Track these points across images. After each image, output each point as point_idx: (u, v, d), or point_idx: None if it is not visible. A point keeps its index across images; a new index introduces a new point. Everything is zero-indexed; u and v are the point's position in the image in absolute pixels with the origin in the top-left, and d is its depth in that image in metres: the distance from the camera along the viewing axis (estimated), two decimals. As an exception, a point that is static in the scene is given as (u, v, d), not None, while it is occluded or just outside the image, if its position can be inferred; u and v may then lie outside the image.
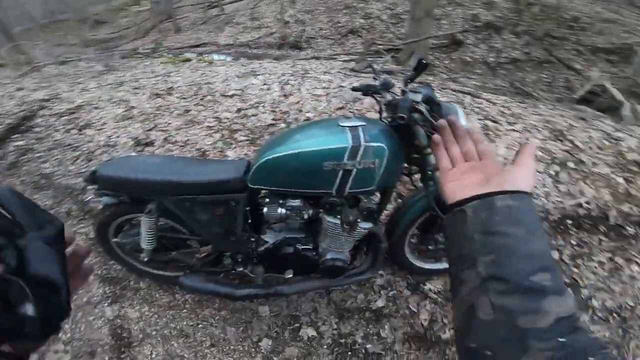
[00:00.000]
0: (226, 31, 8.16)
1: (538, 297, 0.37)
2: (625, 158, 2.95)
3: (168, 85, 4.20)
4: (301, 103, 3.34)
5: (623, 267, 2.23)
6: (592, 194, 2.65)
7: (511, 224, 0.43)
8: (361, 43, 6.05)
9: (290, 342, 1.70)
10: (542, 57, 5.69)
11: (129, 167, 1.48)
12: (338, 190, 1.34)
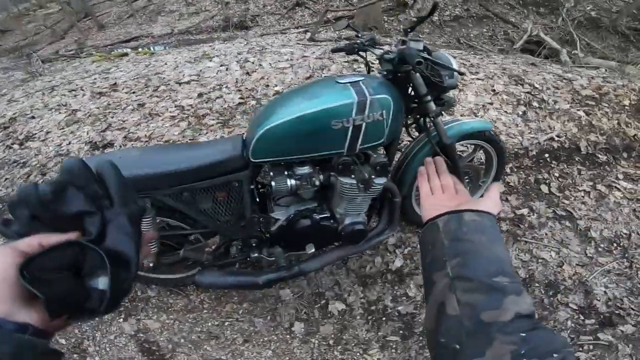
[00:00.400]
0: (160, 21, 7.51)
1: (499, 295, 0.41)
2: (581, 94, 3.16)
3: (110, 82, 3.75)
4: (266, 78, 3.15)
5: (607, 194, 2.39)
6: (560, 128, 2.81)
7: (476, 233, 0.49)
8: (310, 14, 5.86)
9: (322, 320, 1.62)
10: (480, 13, 5.92)
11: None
12: (349, 148, 1.28)
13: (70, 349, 1.59)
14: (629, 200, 2.36)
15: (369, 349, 1.53)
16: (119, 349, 1.58)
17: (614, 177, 2.54)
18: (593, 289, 1.80)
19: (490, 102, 2.99)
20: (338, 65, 3.16)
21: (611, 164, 2.66)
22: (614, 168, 2.63)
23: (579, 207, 2.30)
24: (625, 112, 3.02)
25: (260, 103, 2.86)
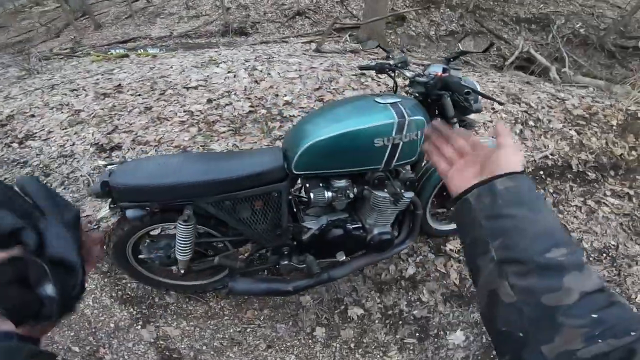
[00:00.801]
0: (158, 23, 7.48)
1: (557, 274, 0.37)
2: (572, 114, 3.35)
3: (114, 83, 3.74)
4: (275, 88, 3.21)
5: (596, 209, 2.55)
6: (554, 146, 2.98)
7: (514, 205, 0.43)
8: (310, 24, 5.97)
9: (343, 324, 1.67)
10: (475, 29, 6.17)
11: (149, 172, 1.29)
12: (386, 164, 1.36)
13: (85, 357, 1.55)
14: (616, 215, 2.53)
15: (388, 351, 1.60)
16: (138, 357, 1.56)
17: (602, 194, 2.71)
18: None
19: (490, 119, 3.14)
20: (346, 78, 3.25)
21: (600, 181, 2.83)
22: (602, 185, 2.80)
23: (572, 221, 2.45)
24: (613, 132, 3.22)
25: (271, 112, 2.92)
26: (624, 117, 3.35)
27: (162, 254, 1.44)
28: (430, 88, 1.46)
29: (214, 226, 1.45)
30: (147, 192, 1.25)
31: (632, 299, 1.98)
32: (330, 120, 1.33)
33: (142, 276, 1.62)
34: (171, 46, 6.15)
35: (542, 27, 6.52)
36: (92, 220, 2.04)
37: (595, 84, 4.40)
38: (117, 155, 2.65)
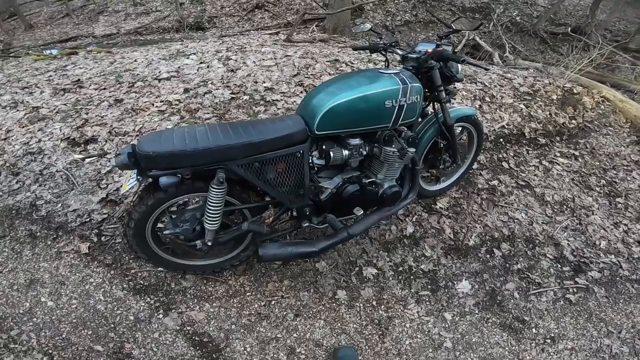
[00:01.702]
0: (102, 21, 6.98)
1: None
2: (520, 91, 3.77)
3: (71, 79, 3.49)
4: (253, 75, 3.22)
5: (550, 168, 2.93)
6: (508, 118, 3.35)
7: None
8: (270, 17, 5.97)
9: (361, 285, 1.78)
10: (427, 18, 6.60)
11: (178, 139, 1.30)
12: (393, 123, 1.56)
13: (110, 356, 1.46)
14: (567, 172, 2.93)
15: (407, 304, 1.74)
16: (168, 347, 1.51)
17: (553, 155, 3.12)
18: (560, 242, 2.24)
19: (454, 98, 3.45)
20: (322, 64, 3.35)
21: (549, 145, 3.24)
22: (551, 148, 3.21)
23: (533, 178, 2.80)
24: (554, 105, 3.67)
25: (253, 98, 2.93)
26: (561, 93, 3.83)
27: (188, 226, 1.44)
28: (422, 62, 1.70)
29: (237, 194, 1.49)
30: (181, 157, 1.26)
31: (596, 245, 2.30)
32: (346, 87, 1.49)
33: (159, 259, 1.60)
34: (120, 43, 5.79)
35: (485, 16, 7.17)
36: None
37: (534, 66, 4.96)
38: (93, 147, 2.52)
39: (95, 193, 2.16)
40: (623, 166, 3.14)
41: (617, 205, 2.69)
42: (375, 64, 3.68)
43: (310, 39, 4.15)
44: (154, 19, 6.55)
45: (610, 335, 1.82)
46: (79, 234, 1.94)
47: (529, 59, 5.91)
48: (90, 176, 2.27)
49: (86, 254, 1.82)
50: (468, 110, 2.12)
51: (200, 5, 6.63)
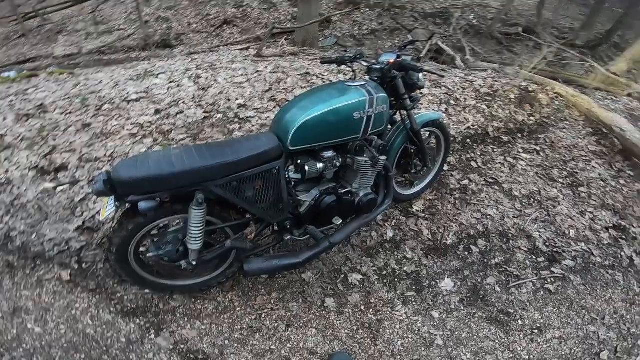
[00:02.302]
0: (62, 41, 6.74)
1: None
2: (481, 92, 3.98)
3: (34, 103, 3.37)
4: (225, 93, 3.23)
5: (515, 164, 3.11)
6: (472, 119, 3.54)
7: None
8: (239, 32, 5.99)
9: (348, 291, 1.83)
10: (392, 26, 6.84)
11: (154, 163, 1.31)
12: (363, 133, 1.64)
13: None
14: (530, 166, 3.12)
15: (394, 306, 1.80)
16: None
17: (517, 151, 3.32)
18: (532, 234, 2.38)
19: (421, 102, 3.59)
20: (293, 78, 3.41)
21: (512, 142, 3.44)
22: (514, 145, 3.41)
23: (500, 175, 2.96)
24: (513, 104, 3.90)
25: (227, 116, 2.94)
26: (518, 92, 4.07)
27: (171, 247, 1.45)
28: (385, 72, 1.80)
29: (217, 214, 1.51)
30: (158, 181, 1.28)
31: (566, 235, 2.44)
32: (316, 101, 1.55)
33: (144, 281, 1.60)
34: (83, 64, 5.61)
35: (445, 21, 7.52)
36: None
37: (492, 67, 5.24)
38: (64, 175, 2.44)
39: (70, 221, 2.11)
40: (582, 157, 3.37)
41: (581, 194, 2.88)
42: (345, 74, 3.79)
43: (281, 53, 4.22)
44: (118, 38, 6.41)
45: (595, 322, 1.91)
46: (58, 262, 1.91)
47: (487, 60, 6.24)
48: (63, 205, 2.21)
49: (68, 280, 1.79)
50: (433, 115, 2.24)
51: (165, 23, 6.56)
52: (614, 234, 2.54)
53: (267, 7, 6.91)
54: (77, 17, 7.65)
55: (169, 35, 6.24)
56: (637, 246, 2.48)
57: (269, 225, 1.67)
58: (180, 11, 7.13)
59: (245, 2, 7.08)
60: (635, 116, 4.44)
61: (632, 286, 2.17)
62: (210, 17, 6.77)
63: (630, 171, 3.23)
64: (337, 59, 1.89)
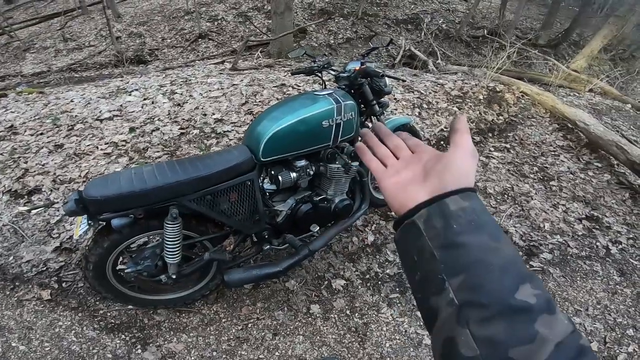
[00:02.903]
0: (30, 58, 6.55)
1: (527, 320, 0.30)
2: (451, 95, 4.13)
3: (4, 125, 3.27)
4: (201, 108, 3.23)
5: (487, 162, 3.24)
6: (445, 121, 3.66)
7: (473, 232, 0.35)
8: (215, 46, 5.99)
9: (332, 297, 1.85)
10: (366, 34, 6.99)
11: (126, 181, 1.31)
12: (333, 141, 1.68)
13: None
14: (502, 164, 3.26)
15: (379, 309, 1.83)
16: None
17: (488, 150, 3.45)
18: (508, 229, 2.46)
19: (395, 107, 3.69)
20: (269, 90, 3.44)
21: (483, 142, 3.58)
22: (486, 144, 3.55)
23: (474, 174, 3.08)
24: (482, 104, 4.07)
25: (204, 131, 2.94)
26: (486, 93, 4.25)
27: (149, 262, 1.45)
28: (352, 80, 1.85)
29: (195, 227, 1.52)
30: (130, 198, 1.28)
31: (541, 228, 2.54)
32: (285, 112, 1.58)
33: (126, 297, 1.59)
34: (53, 82, 5.47)
35: (416, 26, 7.75)
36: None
37: (462, 70, 5.45)
38: (38, 198, 2.39)
39: (47, 243, 2.08)
40: (550, 152, 3.54)
41: (552, 188, 3.01)
42: (320, 84, 3.86)
43: (256, 65, 4.25)
44: (88, 55, 6.27)
45: (579, 314, 1.96)
46: (37, 282, 1.88)
47: (457, 63, 6.47)
48: (39, 227, 2.17)
49: (49, 300, 1.77)
50: (404, 119, 2.31)
51: (138, 38, 6.47)
52: (587, 225, 2.65)
53: (242, 20, 6.94)
54: (45, 34, 7.47)
55: (143, 51, 6.16)
56: (612, 235, 2.58)
57: (248, 237, 1.69)
58: (153, 26, 7.06)
59: (220, 16, 7.09)
60: (598, 110, 4.71)
61: (612, 275, 2.25)
62: (184, 32, 6.74)
63: (598, 163, 3.40)
64: (307, 69, 1.93)
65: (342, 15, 7.48)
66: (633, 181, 3.14)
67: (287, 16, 5.23)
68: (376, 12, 8.00)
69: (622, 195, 3.03)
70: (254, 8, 7.73)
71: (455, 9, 9.56)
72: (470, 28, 8.48)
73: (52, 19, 8.36)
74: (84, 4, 8.86)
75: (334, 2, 8.14)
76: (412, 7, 8.68)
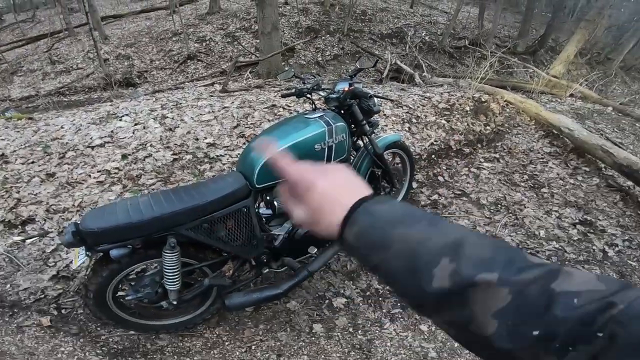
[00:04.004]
0: (17, 82, 6.51)
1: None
2: (439, 108, 4.21)
3: (-8, 153, 3.23)
4: (193, 132, 3.23)
5: (479, 173, 3.30)
6: (434, 135, 3.74)
7: (372, 252, 0.36)
8: (204, 67, 6.04)
9: (334, 315, 1.86)
10: (353, 50, 7.15)
11: (122, 212, 1.33)
12: (327, 163, 1.68)
13: None
14: (493, 174, 3.32)
15: (382, 325, 1.84)
16: None
17: (478, 161, 3.52)
18: (503, 237, 2.50)
19: (385, 124, 3.75)
20: (260, 112, 3.47)
21: (473, 153, 3.65)
22: (476, 155, 3.62)
23: (467, 186, 3.12)
24: (469, 115, 4.16)
25: (196, 156, 2.95)
26: (472, 103, 4.34)
27: (149, 290, 1.45)
28: (342, 101, 1.88)
29: (193, 254, 1.53)
30: (128, 229, 1.29)
31: (537, 235, 2.58)
32: (277, 137, 1.61)
33: (127, 323, 1.59)
34: (42, 106, 5.43)
35: (400, 40, 7.96)
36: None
37: (447, 81, 5.58)
38: (32, 228, 2.37)
39: (44, 271, 2.07)
40: (539, 159, 3.61)
41: (544, 195, 3.06)
42: (311, 103, 3.91)
43: (246, 86, 4.29)
44: (77, 78, 6.26)
45: None
46: (36, 309, 1.87)
47: (442, 74, 6.64)
48: (35, 256, 2.16)
49: (49, 326, 1.76)
50: (393, 137, 2.34)
51: (127, 60, 6.51)
52: (582, 229, 2.68)
53: (230, 40, 7.05)
54: (32, 56, 7.45)
55: (131, 73, 6.18)
56: (607, 238, 2.61)
57: (247, 261, 1.69)
58: (141, 48, 7.11)
59: (208, 36, 7.18)
60: (581, 115, 4.85)
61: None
62: (173, 53, 6.79)
63: (585, 167, 3.47)
64: (296, 91, 1.96)
65: (328, 32, 7.67)
66: (622, 183, 3.21)
67: (275, 36, 5.33)
68: (361, 27, 8.21)
69: (613, 197, 3.09)
70: (241, 28, 7.87)
71: (436, 20, 9.84)
72: (452, 39, 8.73)
73: (39, 41, 8.37)
74: (71, 26, 8.90)
75: (320, 19, 8.33)
76: (395, 22, 8.92)
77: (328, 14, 8.50)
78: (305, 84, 2.02)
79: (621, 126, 4.89)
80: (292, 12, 8.52)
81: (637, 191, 3.15)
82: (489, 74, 4.88)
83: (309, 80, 2.05)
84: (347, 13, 7.96)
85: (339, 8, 8.85)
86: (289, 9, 8.74)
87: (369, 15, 8.97)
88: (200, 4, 11.00)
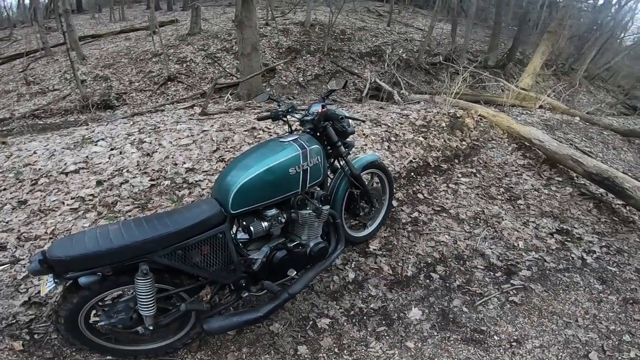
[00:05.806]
0: (-10, 105, 6.30)
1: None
2: (416, 125, 4.29)
3: (-40, 182, 3.10)
4: (172, 157, 3.18)
5: (457, 188, 3.36)
6: (413, 152, 3.80)
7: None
8: (184, 88, 6.02)
9: (319, 336, 1.82)
10: (333, 69, 7.29)
11: (89, 240, 1.30)
12: (302, 187, 1.71)
13: None
14: (470, 189, 3.40)
15: (368, 344, 1.81)
16: None
17: (456, 177, 3.58)
18: (484, 252, 2.53)
19: (365, 143, 3.79)
20: (240, 135, 3.46)
21: (450, 169, 3.70)
22: (453, 171, 3.67)
23: (446, 202, 3.16)
24: (445, 131, 4.26)
25: (175, 182, 2.89)
26: (448, 119, 4.45)
27: (123, 316, 1.41)
28: (316, 123, 1.90)
29: (169, 280, 1.49)
30: (96, 257, 1.27)
31: (516, 247, 2.62)
32: (251, 163, 1.61)
33: (103, 348, 1.54)
34: (16, 130, 5.25)
35: (379, 57, 8.18)
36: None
37: (424, 98, 5.74)
38: (3, 255, 2.28)
39: (15, 297, 1.99)
40: (513, 172, 3.72)
41: (520, 206, 3.14)
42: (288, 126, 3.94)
43: (226, 108, 4.29)
44: (53, 99, 6.11)
45: (570, 326, 1.98)
46: (7, 334, 1.79)
47: (419, 91, 6.85)
48: (6, 282, 2.07)
49: (22, 350, 1.69)
50: (370, 157, 2.35)
51: (105, 82, 6.41)
52: (559, 238, 2.76)
53: (211, 61, 7.08)
54: (7, 76, 7.25)
55: (109, 95, 6.09)
56: (585, 245, 2.69)
57: (225, 286, 1.66)
58: (119, 69, 7.03)
59: (189, 57, 7.19)
60: (550, 126, 5.05)
61: (594, 284, 2.32)
62: (153, 74, 6.75)
63: (558, 177, 3.60)
64: (272, 114, 1.97)
65: (308, 52, 7.83)
66: (594, 191, 3.33)
67: (255, 57, 5.39)
68: (341, 47, 8.42)
69: (587, 205, 3.21)
70: (222, 49, 7.93)
71: (412, 38, 10.18)
72: (427, 55, 9.02)
73: (14, 60, 8.18)
74: (48, 45, 8.75)
75: (300, 39, 8.50)
76: (373, 40, 9.18)
77: (308, 34, 8.70)
78: (280, 106, 2.03)
79: (589, 135, 5.12)
80: (273, 33, 8.67)
81: (610, 198, 3.29)
82: (463, 89, 5.03)
83: (284, 102, 2.06)
84: (327, 33, 8.18)
85: (319, 28, 9.07)
86: (270, 29, 8.90)
87: (348, 34, 9.21)
88: (181, 25, 11.06)
